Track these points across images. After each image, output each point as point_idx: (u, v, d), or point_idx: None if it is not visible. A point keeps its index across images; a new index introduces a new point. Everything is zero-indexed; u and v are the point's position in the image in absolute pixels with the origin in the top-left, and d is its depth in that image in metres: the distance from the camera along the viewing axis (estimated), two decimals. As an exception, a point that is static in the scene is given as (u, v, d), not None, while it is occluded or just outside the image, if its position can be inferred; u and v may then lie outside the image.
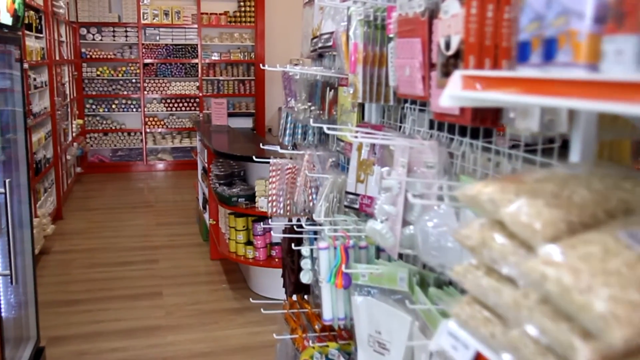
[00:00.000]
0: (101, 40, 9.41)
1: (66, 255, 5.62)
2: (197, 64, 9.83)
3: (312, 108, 2.22)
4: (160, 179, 9.47)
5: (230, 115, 6.85)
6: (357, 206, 1.96)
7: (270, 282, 4.61)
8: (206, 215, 5.91)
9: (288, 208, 2.44)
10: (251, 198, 4.44)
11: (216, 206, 5.27)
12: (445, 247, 1.40)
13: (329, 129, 1.87)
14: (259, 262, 4.45)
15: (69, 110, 8.31)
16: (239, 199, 4.43)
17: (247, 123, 8.02)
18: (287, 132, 2.42)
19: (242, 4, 9.87)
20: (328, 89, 2.22)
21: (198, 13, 9.67)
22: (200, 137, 6.07)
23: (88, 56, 9.38)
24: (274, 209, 2.42)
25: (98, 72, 9.46)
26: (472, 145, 1.45)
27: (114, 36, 9.44)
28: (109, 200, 7.91)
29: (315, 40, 2.36)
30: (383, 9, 1.71)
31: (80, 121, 9.15)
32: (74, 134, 8.48)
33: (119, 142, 9.77)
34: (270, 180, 2.45)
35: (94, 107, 9.58)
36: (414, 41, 1.47)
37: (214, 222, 5.38)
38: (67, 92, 8.24)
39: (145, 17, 9.48)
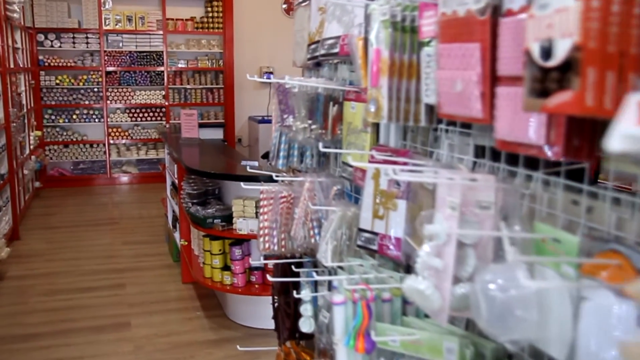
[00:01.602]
0: (60, 47, 8.89)
1: (23, 281, 5.14)
2: (162, 71, 9.38)
3: (313, 127, 1.87)
4: (125, 193, 8.99)
5: (199, 126, 6.44)
6: (375, 247, 1.62)
7: (250, 310, 4.24)
8: (176, 235, 5.49)
9: (283, 243, 2.08)
10: (228, 219, 4.06)
11: (188, 226, 4.88)
12: (520, 319, 1.06)
13: (353, 158, 1.52)
14: (237, 289, 4.07)
15: (25, 121, 7.79)
16: (215, 221, 4.05)
17: (217, 134, 7.64)
18: (281, 153, 2.07)
19: (209, 9, 9.47)
20: (332, 103, 1.88)
21: (163, 19, 9.23)
22: (169, 150, 5.66)
23: (46, 64, 8.85)
24: (267, 245, 2.06)
25: (57, 81, 8.94)
26: (546, 182, 1.12)
27: (74, 43, 8.93)
28: (70, 217, 7.41)
29: (314, 46, 2.01)
30: (413, 6, 1.37)
31: (39, 133, 8.62)
32: (31, 147, 7.96)
33: (81, 155, 9.25)
34: (261, 210, 2.09)
35: (53, 117, 9.05)
36: (469, 47, 1.13)
37: (186, 243, 4.98)
38: (24, 102, 7.72)
39: (107, 23, 9.00)
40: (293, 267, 2.04)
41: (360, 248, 1.69)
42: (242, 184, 2.10)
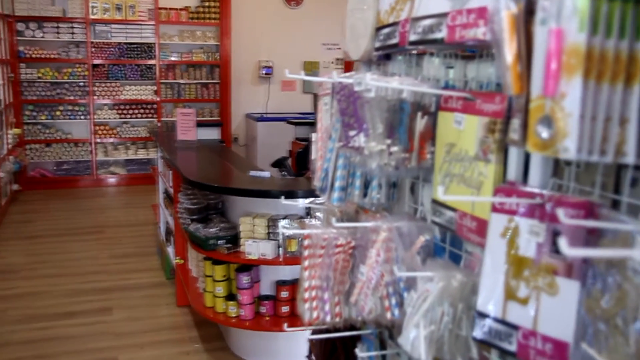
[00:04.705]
0: (42, 37, 8.19)
1: (-6, 304, 4.50)
2: (154, 65, 8.71)
3: (393, 148, 1.25)
4: (112, 196, 8.32)
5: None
6: (511, 348, 1.03)
7: (258, 344, 3.63)
8: (170, 250, 4.87)
9: (337, 310, 1.47)
10: (234, 240, 3.44)
11: (184, 242, 4.26)
12: None
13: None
14: (244, 322, 3.45)
15: (3, 118, 7.11)
16: (218, 242, 3.42)
17: (213, 133, 6.98)
18: (337, 184, 1.45)
19: (204, -2, 8.83)
20: (420, 114, 1.27)
21: (155, 8, 8.56)
22: (162, 153, 5.02)
23: (27, 55, 8.15)
24: (315, 313, 1.45)
25: (39, 74, 8.24)
26: None
27: (57, 33, 8.23)
28: (52, 223, 6.75)
29: (387, 30, 1.40)
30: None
31: (18, 130, 7.92)
32: (9, 146, 7.28)
33: (64, 154, 8.56)
34: (306, 263, 1.47)
35: (34, 114, 8.34)
36: None
37: (182, 262, 4.36)
38: (1, 97, 7.04)
39: (94, 12, 8.32)
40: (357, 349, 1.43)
41: (480, 343, 1.09)
42: (282, 225, 1.48)
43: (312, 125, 7.08)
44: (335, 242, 1.44)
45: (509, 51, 0.92)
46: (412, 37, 1.23)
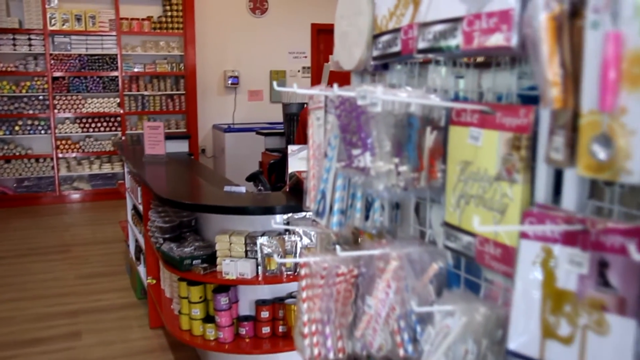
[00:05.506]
0: (-2, 50, 7.91)
1: (-47, 333, 4.24)
2: (117, 77, 8.46)
3: (402, 168, 1.13)
4: (77, 213, 8.04)
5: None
6: (553, 395, 0.91)
7: (238, 367, 3.46)
8: (141, 269, 4.67)
9: (340, 345, 1.34)
10: (210, 259, 3.28)
11: (156, 261, 4.07)
12: None
13: None
14: (223, 345, 3.28)
15: (-41, 135, 6.80)
16: (194, 262, 3.25)
17: (181, 146, 6.79)
18: (337, 206, 1.32)
19: (167, 7, 8.61)
20: (429, 129, 1.15)
21: (117, 18, 8.32)
22: (129, 168, 4.82)
23: (-17, 69, 7.86)
24: (317, 350, 1.31)
25: (-4, 88, 7.94)
26: None
27: (14, 45, 7.93)
28: (13, 243, 6.46)
29: (386, 38, 1.28)
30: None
31: (-25, 147, 7.62)
32: (-34, 164, 6.97)
33: (25, 171, 8.24)
34: (303, 295, 1.34)
35: (-8, 129, 8.05)
36: None
37: (154, 282, 4.16)
38: (-44, 113, 6.74)
39: (52, 23, 8.04)
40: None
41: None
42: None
43: (282, 135, 6.94)
44: (337, 270, 1.31)
45: (550, 60, 0.80)
46: (421, 45, 1.11)
